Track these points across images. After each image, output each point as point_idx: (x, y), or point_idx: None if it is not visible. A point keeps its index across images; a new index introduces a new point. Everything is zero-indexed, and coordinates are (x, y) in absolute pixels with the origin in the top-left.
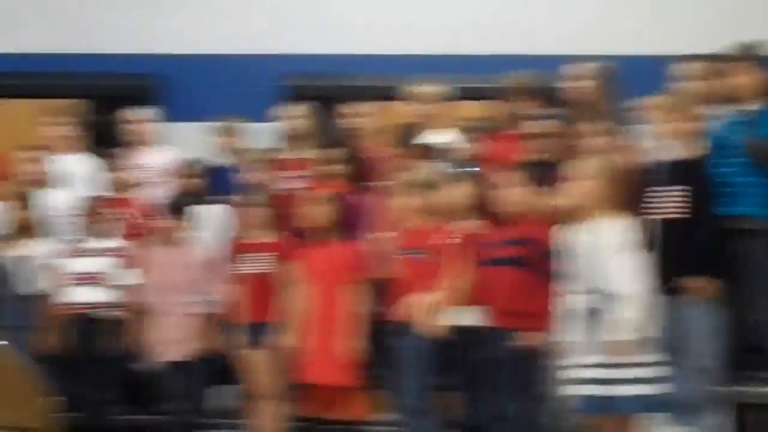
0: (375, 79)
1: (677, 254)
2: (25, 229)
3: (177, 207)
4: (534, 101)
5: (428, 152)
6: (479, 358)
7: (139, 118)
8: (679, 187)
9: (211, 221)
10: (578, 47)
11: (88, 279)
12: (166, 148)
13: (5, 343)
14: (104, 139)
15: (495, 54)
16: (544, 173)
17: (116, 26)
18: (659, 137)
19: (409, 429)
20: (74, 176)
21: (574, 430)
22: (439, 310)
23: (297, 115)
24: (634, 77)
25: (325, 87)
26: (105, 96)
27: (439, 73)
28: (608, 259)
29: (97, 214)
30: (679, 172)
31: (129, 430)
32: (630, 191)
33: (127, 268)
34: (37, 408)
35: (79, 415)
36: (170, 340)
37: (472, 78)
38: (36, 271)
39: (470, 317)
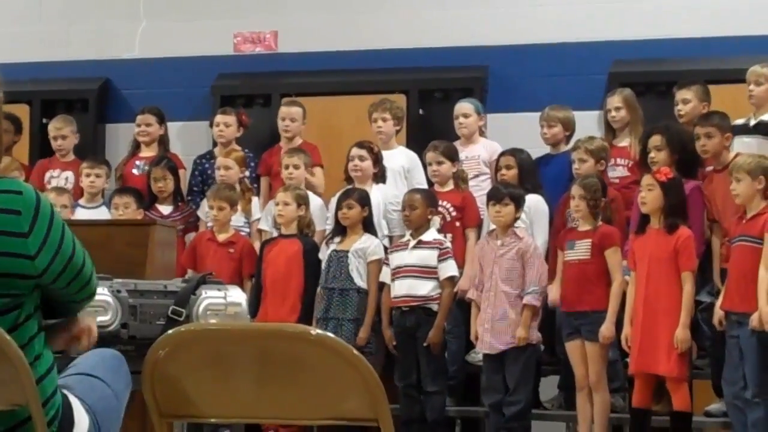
0: (705, 62)
1: None
2: (350, 225)
3: (502, 197)
4: None
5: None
6: None
7: (465, 111)
8: None
9: (534, 211)
10: None
11: (410, 272)
12: (491, 141)
13: (332, 335)
14: (423, 133)
15: None
16: None
17: (442, 19)
18: None
19: (742, 420)
20: (396, 170)
21: None
22: None
23: (619, 102)
24: None
25: (655, 72)
26: (430, 89)
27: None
28: None
29: (417, 209)
30: None
31: (454, 421)
32: None
33: (447, 260)
34: (369, 400)
35: (408, 406)
36: (495, 331)
37: None
38: (360, 265)
39: None
